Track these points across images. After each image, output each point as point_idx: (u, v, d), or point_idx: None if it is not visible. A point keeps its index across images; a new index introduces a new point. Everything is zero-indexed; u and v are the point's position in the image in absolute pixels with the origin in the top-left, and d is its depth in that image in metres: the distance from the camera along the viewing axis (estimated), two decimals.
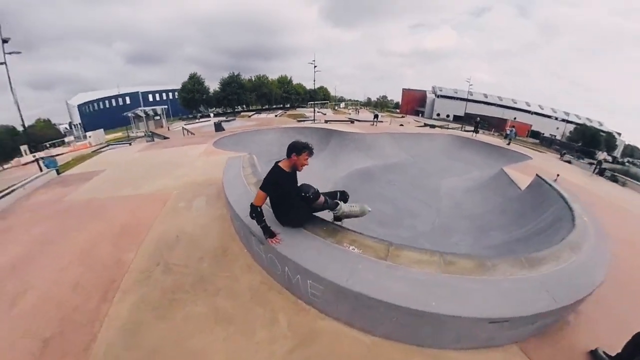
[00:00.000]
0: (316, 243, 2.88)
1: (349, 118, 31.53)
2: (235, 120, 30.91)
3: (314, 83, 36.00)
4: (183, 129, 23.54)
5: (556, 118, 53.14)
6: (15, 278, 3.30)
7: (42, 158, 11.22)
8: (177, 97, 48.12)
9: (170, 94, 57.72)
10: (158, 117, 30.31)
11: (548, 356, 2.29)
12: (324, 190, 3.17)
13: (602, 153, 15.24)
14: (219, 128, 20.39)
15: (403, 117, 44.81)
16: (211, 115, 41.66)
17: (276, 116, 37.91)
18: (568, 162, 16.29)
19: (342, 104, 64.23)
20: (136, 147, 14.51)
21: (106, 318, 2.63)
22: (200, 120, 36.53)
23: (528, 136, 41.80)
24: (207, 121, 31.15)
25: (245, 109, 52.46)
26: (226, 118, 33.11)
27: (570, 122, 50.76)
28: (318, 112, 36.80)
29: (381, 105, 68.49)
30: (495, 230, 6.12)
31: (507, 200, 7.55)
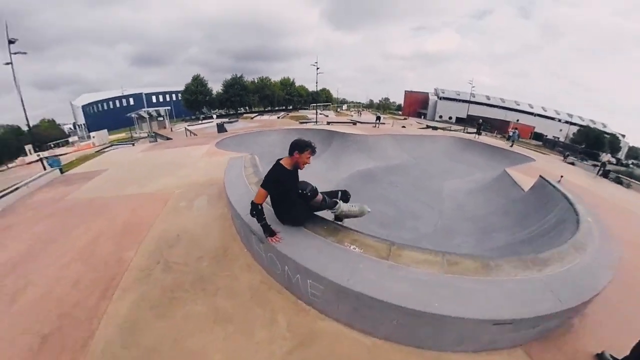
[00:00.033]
0: (317, 242, 2.85)
1: (351, 120, 31.59)
2: (237, 121, 31.12)
3: (316, 85, 36.21)
4: (186, 130, 23.71)
5: (559, 120, 52.83)
6: (16, 275, 3.31)
7: (46, 157, 11.32)
8: (181, 99, 48.43)
9: (173, 96, 58.07)
10: (161, 118, 30.59)
11: None
12: (325, 190, 3.15)
13: (606, 155, 15.16)
14: (222, 129, 20.53)
15: (405, 119, 44.80)
16: (214, 116, 41.94)
17: (278, 118, 38.11)
18: (571, 164, 16.19)
19: (345, 106, 64.41)
20: (139, 148, 14.59)
21: (105, 315, 2.62)
22: (203, 121, 36.73)
23: (531, 138, 41.63)
24: (210, 122, 31.35)
25: (247, 111, 52.74)
26: (229, 119, 33.31)
27: (573, 124, 50.45)
28: (320, 114, 36.92)
29: (383, 107, 68.49)
30: (498, 232, 6.06)
31: (510, 201, 7.48)
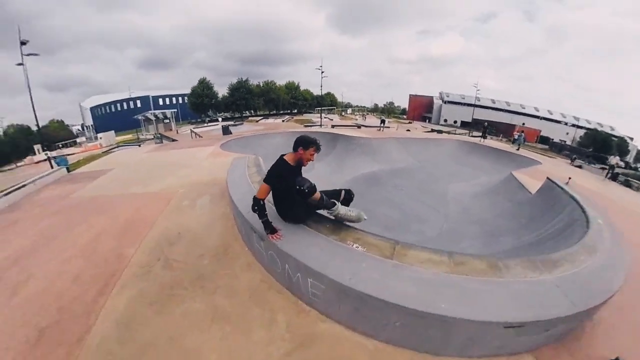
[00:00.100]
0: (318, 240, 2.79)
1: (356, 123, 31.58)
2: (243, 124, 31.29)
3: (321, 89, 36.35)
4: (191, 132, 23.94)
5: (566, 123, 52.09)
6: (18, 268, 3.34)
7: (54, 157, 11.49)
8: (187, 102, 49.02)
9: (180, 99, 58.86)
10: (167, 121, 30.92)
11: None
12: (327, 190, 3.09)
13: (615, 158, 14.81)
14: (227, 132, 20.65)
15: (410, 123, 44.66)
16: (219, 119, 42.34)
17: (283, 121, 38.28)
18: (579, 167, 15.91)
19: (349, 110, 64.49)
20: (145, 148, 14.75)
21: (103, 310, 2.60)
22: (208, 124, 37.10)
23: (537, 142, 41.12)
24: (216, 125, 31.64)
25: (253, 114, 53.10)
26: (234, 122, 33.54)
27: (580, 127, 49.73)
28: (325, 118, 36.98)
29: (388, 111, 68.31)
30: (505, 235, 5.92)
31: (517, 204, 7.33)
